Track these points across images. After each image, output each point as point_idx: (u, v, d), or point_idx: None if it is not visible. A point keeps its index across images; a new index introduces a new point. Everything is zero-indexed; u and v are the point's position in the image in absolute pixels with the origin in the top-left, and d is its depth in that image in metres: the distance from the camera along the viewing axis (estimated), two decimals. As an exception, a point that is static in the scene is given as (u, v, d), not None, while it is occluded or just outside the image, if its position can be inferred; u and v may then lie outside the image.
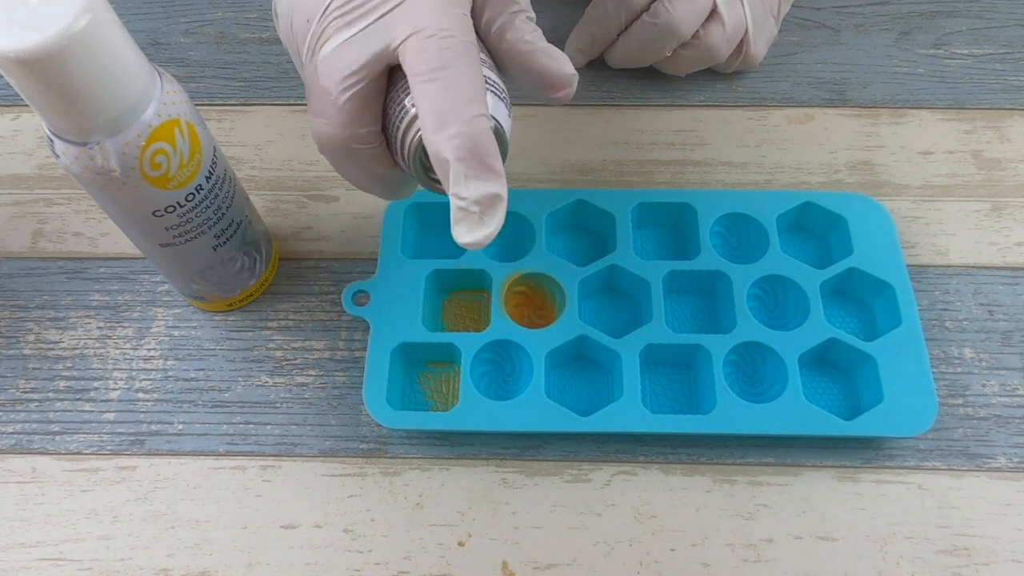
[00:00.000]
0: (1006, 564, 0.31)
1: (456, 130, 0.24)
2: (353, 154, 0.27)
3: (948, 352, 0.36)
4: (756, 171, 0.41)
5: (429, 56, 0.25)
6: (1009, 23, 0.46)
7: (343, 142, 0.27)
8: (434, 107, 0.24)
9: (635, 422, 0.32)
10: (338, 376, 0.36)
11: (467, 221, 0.25)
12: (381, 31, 0.26)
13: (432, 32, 0.25)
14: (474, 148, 0.24)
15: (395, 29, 0.25)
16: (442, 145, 0.24)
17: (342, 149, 0.27)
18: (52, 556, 0.32)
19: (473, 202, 0.25)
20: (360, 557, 0.32)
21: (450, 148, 0.24)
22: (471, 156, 0.24)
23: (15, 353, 0.37)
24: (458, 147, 0.24)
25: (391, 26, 0.25)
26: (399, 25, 0.25)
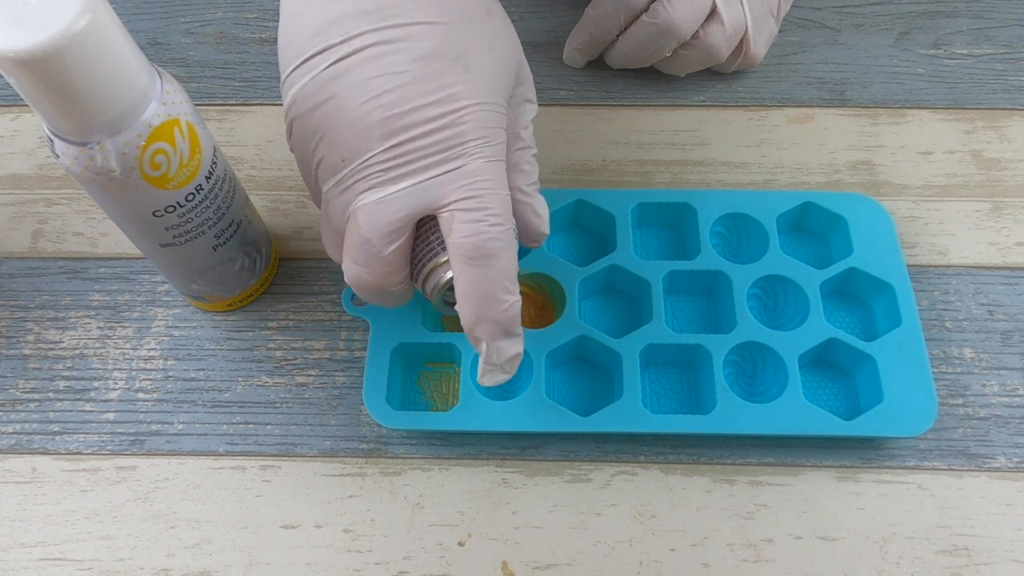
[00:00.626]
0: (1006, 564, 0.31)
1: (493, 318, 0.27)
2: (385, 295, 0.29)
3: (948, 352, 0.36)
4: (756, 171, 0.41)
5: (477, 243, 0.26)
6: (1009, 23, 0.46)
7: (383, 288, 0.28)
8: (476, 293, 0.27)
9: (635, 422, 0.32)
10: (338, 376, 0.36)
11: (493, 373, 0.29)
12: (429, 191, 0.26)
13: (483, 216, 0.26)
14: (505, 330, 0.28)
15: (443, 194, 0.26)
16: (479, 330, 0.27)
17: (379, 292, 0.29)
18: (52, 556, 0.32)
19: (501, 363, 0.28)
20: (360, 557, 0.32)
21: (487, 332, 0.27)
22: (503, 335, 0.28)
23: (15, 353, 0.37)
24: (492, 333, 0.27)
25: (440, 190, 0.26)
26: (449, 191, 0.26)
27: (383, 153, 0.26)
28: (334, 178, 0.27)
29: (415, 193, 0.26)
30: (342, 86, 0.26)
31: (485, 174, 0.26)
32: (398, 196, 0.26)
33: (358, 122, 0.26)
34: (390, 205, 0.26)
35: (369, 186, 0.26)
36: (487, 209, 0.26)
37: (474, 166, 0.26)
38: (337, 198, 0.27)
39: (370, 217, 0.26)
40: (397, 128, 0.26)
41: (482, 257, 0.26)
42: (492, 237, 0.26)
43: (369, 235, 0.27)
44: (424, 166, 0.26)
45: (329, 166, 0.27)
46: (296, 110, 0.27)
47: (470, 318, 0.27)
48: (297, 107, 0.27)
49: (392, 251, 0.27)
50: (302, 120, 0.27)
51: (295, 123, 0.28)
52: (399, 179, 0.26)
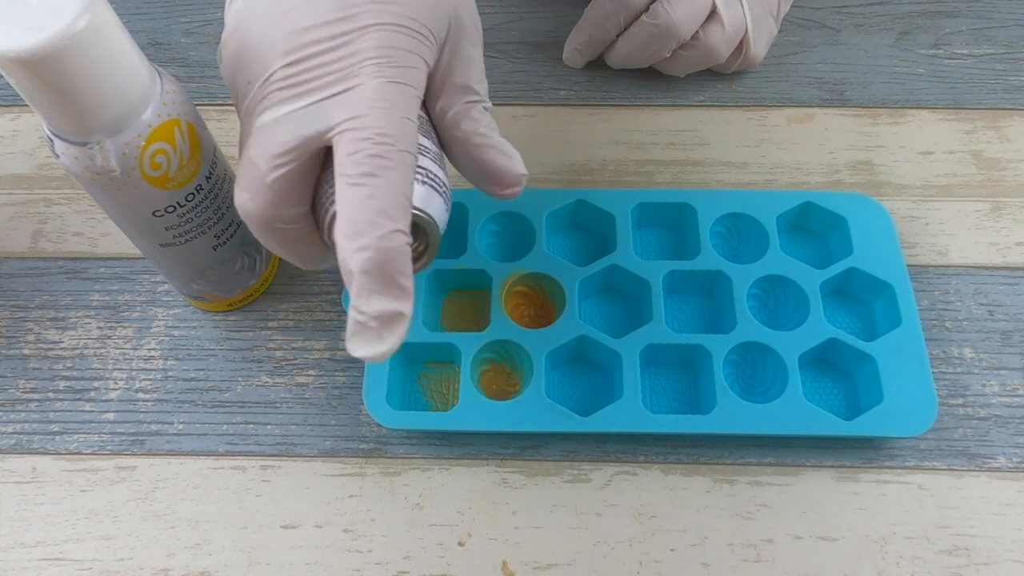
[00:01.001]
0: (1006, 564, 0.31)
1: (366, 243, 0.23)
2: (276, 232, 0.26)
3: (948, 352, 0.36)
4: (756, 171, 0.41)
5: (359, 159, 0.23)
6: (1009, 23, 0.46)
7: (268, 220, 0.25)
8: (351, 214, 0.23)
9: (635, 422, 0.32)
10: (338, 376, 0.36)
11: (364, 335, 0.24)
12: (320, 114, 0.24)
13: (369, 134, 0.24)
14: (383, 264, 0.23)
15: (335, 116, 0.24)
16: (350, 256, 0.23)
17: (266, 226, 0.26)
18: (52, 556, 0.32)
19: (372, 317, 0.23)
20: (360, 557, 0.32)
21: (356, 260, 0.23)
22: (378, 271, 0.23)
23: (15, 353, 0.37)
24: (365, 260, 0.23)
25: (331, 112, 0.24)
26: (339, 113, 0.24)
27: (282, 71, 0.24)
28: (244, 103, 0.26)
29: (305, 116, 0.24)
30: (256, 7, 0.25)
31: (379, 94, 0.24)
32: (288, 117, 0.24)
33: (263, 40, 0.25)
34: (279, 127, 0.24)
35: (266, 106, 0.25)
36: (374, 127, 0.24)
37: (368, 86, 0.24)
38: (244, 123, 0.26)
39: (260, 139, 0.25)
40: (297, 45, 0.24)
41: (363, 175, 0.23)
42: (375, 154, 0.23)
43: (256, 157, 0.25)
44: (318, 86, 0.24)
45: (239, 90, 0.26)
46: (225, 40, 0.26)
47: (342, 244, 0.23)
48: (224, 34, 0.26)
49: (276, 178, 0.24)
50: (227, 49, 0.26)
51: (223, 52, 0.27)
52: (293, 99, 0.24)
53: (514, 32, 0.47)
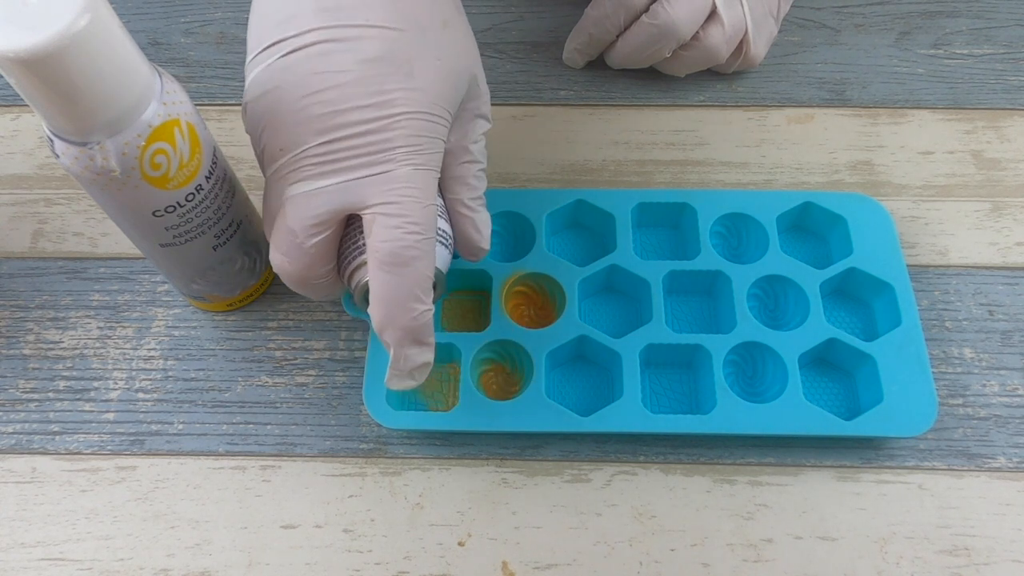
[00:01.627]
0: (1006, 564, 0.31)
1: (400, 324, 0.27)
2: (309, 286, 0.29)
3: (948, 352, 0.36)
4: (756, 171, 0.41)
5: (392, 249, 0.26)
6: (1009, 23, 0.46)
7: (303, 280, 0.29)
8: (387, 298, 0.27)
9: (635, 422, 0.33)
10: (338, 376, 0.36)
11: (400, 378, 0.29)
12: (355, 191, 0.27)
13: (401, 223, 0.26)
14: (414, 337, 0.28)
15: (369, 196, 0.27)
16: (387, 335, 0.27)
17: (302, 283, 0.29)
18: (52, 556, 0.32)
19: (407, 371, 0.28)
20: (360, 557, 0.32)
21: (394, 338, 0.27)
22: (411, 343, 0.28)
23: (15, 353, 0.37)
24: (399, 340, 0.27)
25: (365, 192, 0.27)
26: (373, 194, 0.27)
27: (316, 148, 0.27)
28: (273, 166, 0.28)
29: (341, 191, 0.27)
30: (288, 78, 0.27)
31: (410, 181, 0.27)
32: (324, 191, 0.27)
33: (297, 114, 0.27)
34: (315, 199, 0.27)
35: (300, 178, 0.27)
36: (406, 216, 0.27)
37: (400, 172, 0.27)
38: (274, 186, 0.28)
39: (296, 208, 0.27)
40: (332, 126, 0.26)
41: (396, 264, 0.26)
42: (408, 245, 0.26)
43: (293, 225, 0.27)
44: (352, 166, 0.27)
45: (270, 154, 0.28)
46: (249, 95, 0.28)
47: (380, 322, 0.27)
48: (250, 92, 0.28)
49: (313, 244, 0.27)
50: (252, 106, 0.28)
51: (249, 108, 0.28)
52: (327, 175, 0.27)
53: (514, 32, 0.47)
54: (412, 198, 0.27)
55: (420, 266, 0.27)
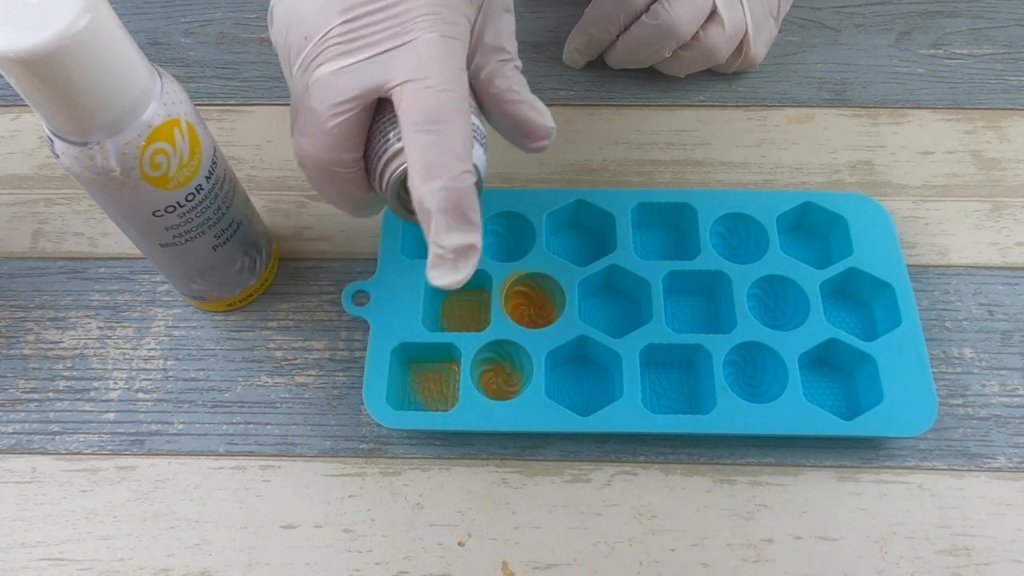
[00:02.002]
0: (1006, 564, 0.31)
1: (442, 184, 0.26)
2: (332, 175, 0.28)
3: (948, 352, 0.36)
4: (756, 171, 0.41)
5: (426, 108, 0.26)
6: (1009, 23, 0.46)
7: (325, 164, 0.28)
8: (424, 158, 0.26)
9: (635, 422, 0.32)
10: (338, 376, 0.36)
11: (443, 267, 0.27)
12: (380, 67, 0.26)
13: (431, 83, 0.26)
14: (457, 202, 0.26)
15: (394, 69, 0.26)
16: (428, 196, 0.26)
17: (323, 170, 0.28)
18: (52, 556, 0.32)
19: (450, 251, 0.26)
20: (360, 557, 0.32)
21: (435, 201, 0.26)
22: (453, 209, 0.26)
23: (15, 353, 0.37)
24: (442, 200, 0.26)
25: (391, 65, 0.26)
26: (399, 66, 0.26)
27: (338, 28, 0.26)
28: (299, 58, 0.28)
29: (366, 68, 0.26)
30: None
31: (434, 49, 0.26)
32: (349, 70, 0.27)
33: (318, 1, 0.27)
34: (341, 78, 0.27)
35: (324, 60, 0.27)
36: (435, 78, 0.26)
37: (424, 40, 0.26)
38: (300, 78, 0.28)
39: (321, 89, 0.27)
40: (353, 4, 0.26)
41: (430, 122, 0.26)
42: (440, 103, 0.26)
43: (316, 106, 0.27)
44: (376, 41, 0.26)
45: (295, 47, 0.28)
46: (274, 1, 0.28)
47: (418, 187, 0.26)
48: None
49: (337, 124, 0.27)
50: (275, 11, 0.28)
51: (273, 13, 0.28)
52: (351, 53, 0.27)
53: (514, 32, 0.47)
54: (439, 63, 0.26)
55: (457, 122, 0.26)
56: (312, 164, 0.28)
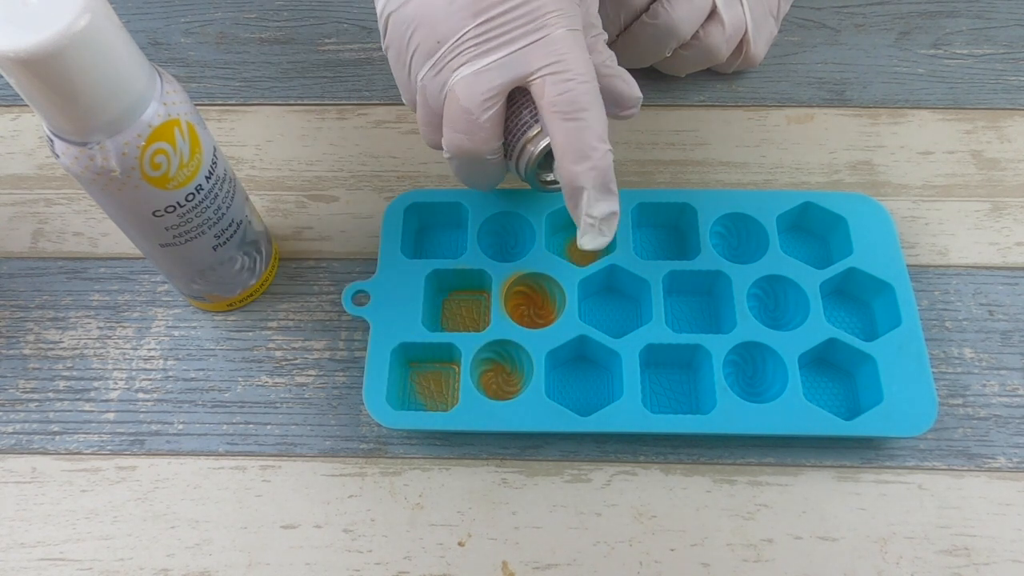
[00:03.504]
0: (1006, 564, 0.31)
1: (591, 164, 0.30)
2: (483, 163, 0.32)
3: (948, 352, 0.36)
4: (756, 171, 0.41)
5: (570, 98, 0.29)
6: (1009, 23, 0.46)
7: (480, 154, 0.31)
8: (573, 144, 0.29)
9: (635, 422, 0.32)
10: (338, 376, 0.36)
11: (592, 233, 0.31)
12: (519, 61, 0.29)
13: (573, 75, 0.29)
14: (603, 178, 0.30)
15: (533, 62, 0.29)
16: (579, 176, 0.30)
17: (476, 160, 0.31)
18: (52, 556, 0.32)
19: (599, 220, 0.31)
20: (360, 557, 0.32)
21: (587, 179, 0.30)
22: (601, 185, 0.30)
23: (15, 353, 0.37)
24: (593, 179, 0.30)
25: (529, 59, 0.29)
26: (537, 58, 0.29)
27: (474, 30, 0.29)
28: (430, 61, 0.30)
29: (506, 64, 0.29)
30: None
31: (567, 42, 0.29)
32: (491, 67, 0.29)
33: (449, 5, 0.29)
34: (485, 76, 0.29)
35: (464, 61, 0.29)
36: (572, 70, 0.29)
37: (556, 35, 0.29)
38: (433, 79, 0.30)
39: (468, 88, 0.29)
40: (486, 6, 0.29)
41: (575, 111, 0.29)
42: (582, 93, 0.29)
43: (467, 104, 0.30)
44: (511, 38, 0.29)
45: (424, 51, 0.30)
46: (391, 5, 0.30)
47: (571, 168, 0.30)
48: (391, 3, 0.30)
49: (488, 118, 0.30)
50: (397, 13, 0.30)
51: (391, 18, 0.31)
52: (490, 52, 0.29)
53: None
54: (573, 55, 0.29)
55: (596, 111, 0.29)
56: (467, 156, 0.31)
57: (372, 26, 0.47)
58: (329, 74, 0.45)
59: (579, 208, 0.31)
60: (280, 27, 0.47)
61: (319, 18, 0.48)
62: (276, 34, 0.47)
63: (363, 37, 0.47)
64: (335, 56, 0.46)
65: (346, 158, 0.42)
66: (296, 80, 0.45)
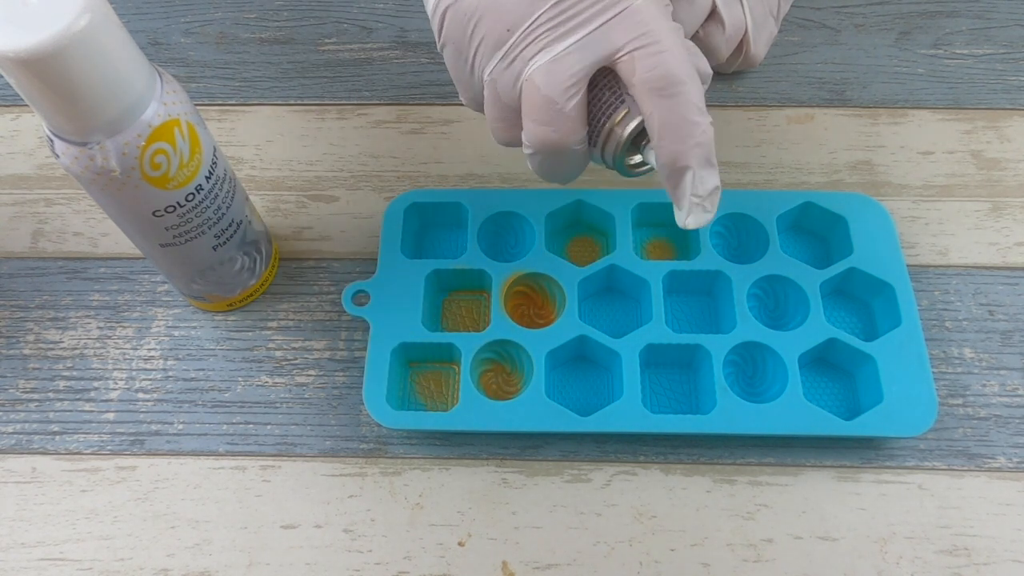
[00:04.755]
0: (1006, 564, 0.31)
1: (696, 141, 0.27)
2: (570, 154, 0.29)
3: (948, 352, 0.36)
4: (756, 171, 0.41)
5: (664, 72, 0.26)
6: (1009, 23, 0.46)
7: (567, 146, 0.28)
8: (673, 121, 0.27)
9: (635, 422, 0.32)
10: (338, 376, 0.36)
11: (697, 211, 0.28)
12: (601, 40, 0.27)
13: (662, 47, 0.26)
14: (708, 154, 0.27)
15: (617, 39, 0.27)
16: (684, 156, 0.27)
17: (562, 151, 0.29)
18: (52, 556, 0.32)
19: (704, 197, 0.28)
20: (360, 557, 0.32)
21: (693, 158, 0.27)
22: (706, 161, 0.28)
23: (15, 353, 0.37)
24: (698, 156, 0.27)
25: (612, 36, 0.27)
26: (620, 35, 0.27)
27: (548, 12, 0.26)
28: (499, 52, 0.28)
29: (588, 44, 0.27)
30: None
31: (650, 11, 0.27)
32: (572, 50, 0.27)
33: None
34: (566, 60, 0.27)
35: (540, 47, 0.27)
36: (661, 42, 0.27)
37: (637, 5, 0.27)
38: (505, 71, 0.28)
39: (548, 76, 0.27)
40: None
41: (671, 86, 0.26)
42: (676, 65, 0.26)
43: (550, 92, 0.27)
44: (590, 16, 0.27)
45: (492, 42, 0.28)
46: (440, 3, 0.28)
47: (673, 148, 0.27)
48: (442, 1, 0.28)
49: (574, 106, 0.27)
50: (456, 6, 0.28)
51: (448, 11, 0.28)
52: (568, 34, 0.27)
53: (514, 32, 0.47)
54: (659, 24, 0.27)
55: (693, 83, 0.27)
56: (556, 148, 0.29)
57: (372, 26, 0.47)
58: (329, 74, 0.45)
59: (681, 187, 0.28)
60: (280, 27, 0.47)
61: (319, 18, 0.48)
62: (276, 34, 0.47)
63: (363, 37, 0.47)
64: (335, 56, 0.46)
65: (346, 158, 0.42)
66: (296, 80, 0.45)
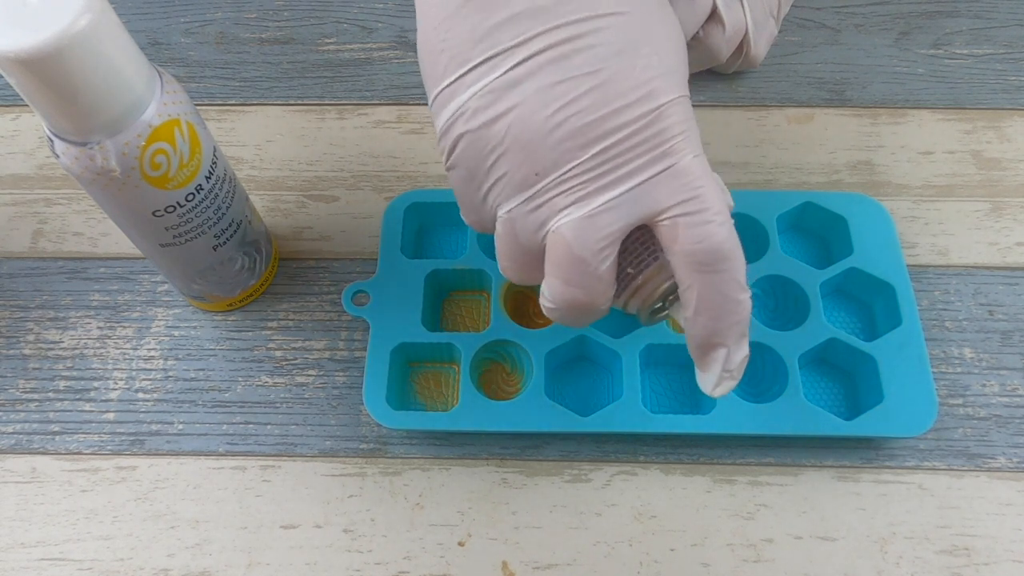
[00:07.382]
0: (1006, 564, 0.31)
1: (735, 320, 0.25)
2: (597, 313, 0.27)
3: (948, 352, 0.36)
4: (756, 171, 0.41)
5: (711, 246, 0.24)
6: (1009, 23, 0.46)
7: (596, 307, 0.26)
8: (716, 299, 0.25)
9: (635, 422, 0.32)
10: (338, 376, 0.36)
11: (727, 382, 0.27)
12: (643, 199, 0.24)
13: (710, 216, 0.24)
14: (743, 331, 0.26)
15: (662, 200, 0.24)
16: (723, 334, 0.26)
17: (595, 313, 0.26)
18: (52, 556, 0.32)
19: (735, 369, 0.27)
20: (360, 557, 0.32)
21: (731, 337, 0.26)
22: (741, 337, 0.26)
23: (15, 353, 0.37)
24: (736, 335, 0.26)
25: (656, 196, 0.24)
26: (666, 196, 0.24)
27: (587, 162, 0.24)
28: (524, 194, 0.25)
29: (627, 202, 0.24)
30: (525, 94, 0.24)
31: (696, 171, 0.24)
32: (609, 207, 0.24)
33: (552, 132, 0.23)
34: (602, 218, 0.24)
35: (573, 199, 0.24)
36: (710, 209, 0.24)
37: (685, 163, 0.24)
38: (529, 215, 0.25)
39: (581, 233, 0.24)
40: (600, 134, 0.23)
41: (717, 261, 0.24)
42: (724, 239, 0.24)
43: (582, 253, 0.24)
44: (632, 171, 0.24)
45: (516, 182, 0.25)
46: (465, 124, 0.24)
47: (711, 327, 0.25)
48: (466, 121, 0.24)
49: (607, 268, 0.25)
50: (475, 135, 0.24)
51: (464, 138, 0.25)
52: (607, 188, 0.24)
53: (514, 32, 0.47)
54: (707, 188, 0.24)
55: (739, 256, 0.25)
56: (582, 311, 0.26)
57: (372, 26, 0.47)
58: (329, 74, 0.45)
59: (712, 360, 0.26)
60: (280, 27, 0.47)
61: (319, 18, 0.48)
62: (276, 34, 0.47)
63: (363, 37, 0.47)
64: (335, 56, 0.46)
65: (346, 158, 0.42)
66: (296, 80, 0.45)
